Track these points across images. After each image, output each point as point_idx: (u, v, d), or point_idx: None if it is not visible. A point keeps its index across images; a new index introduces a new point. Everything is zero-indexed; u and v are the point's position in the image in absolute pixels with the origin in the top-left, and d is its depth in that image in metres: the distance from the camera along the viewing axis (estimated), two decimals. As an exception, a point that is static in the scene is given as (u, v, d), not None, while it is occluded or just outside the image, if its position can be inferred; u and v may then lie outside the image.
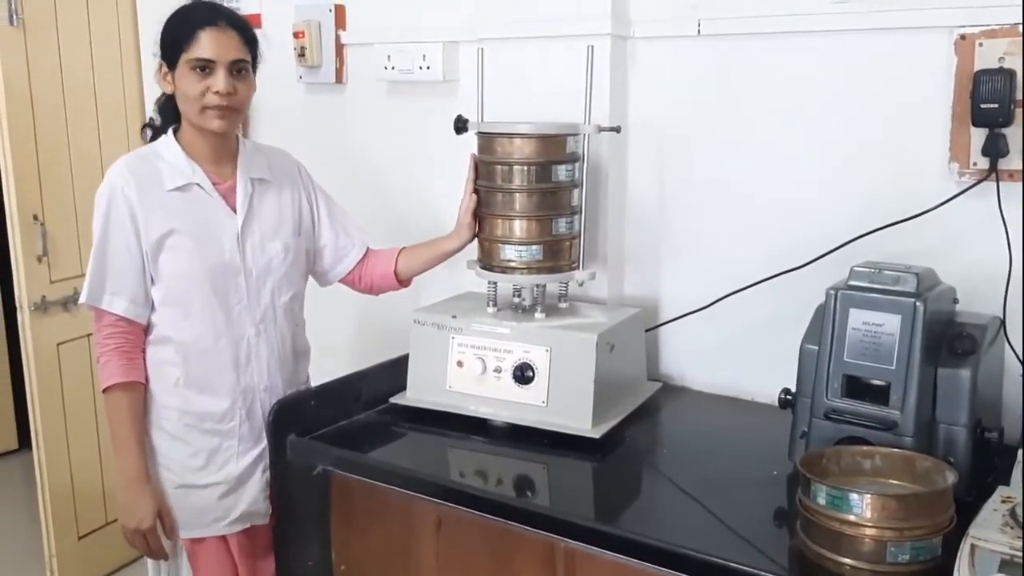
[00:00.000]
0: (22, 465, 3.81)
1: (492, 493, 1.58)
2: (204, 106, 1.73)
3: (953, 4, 1.65)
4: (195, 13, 1.76)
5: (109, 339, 1.76)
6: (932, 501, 1.26)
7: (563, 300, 1.94)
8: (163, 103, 1.86)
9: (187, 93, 1.73)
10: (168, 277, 1.76)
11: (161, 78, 1.79)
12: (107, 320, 1.76)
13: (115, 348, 1.76)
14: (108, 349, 1.76)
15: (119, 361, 1.76)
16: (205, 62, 1.71)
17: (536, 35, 2.03)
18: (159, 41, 1.78)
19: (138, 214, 1.73)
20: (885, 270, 1.49)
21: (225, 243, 1.78)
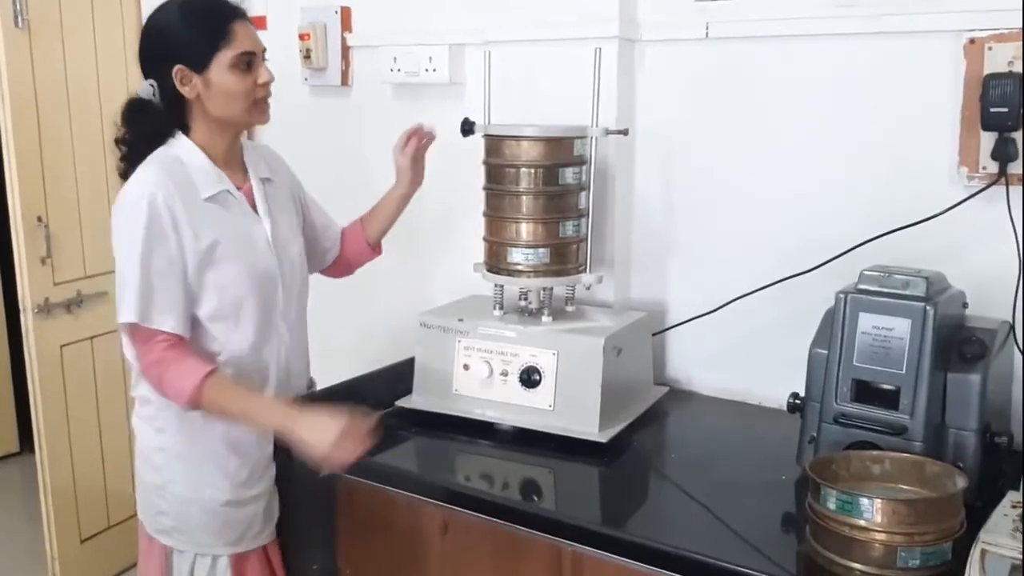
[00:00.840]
0: (24, 467, 3.80)
1: (498, 497, 1.58)
2: (255, 100, 1.67)
3: (962, 8, 1.65)
4: (215, 7, 1.65)
5: (166, 352, 1.61)
6: (942, 506, 1.25)
7: (570, 303, 1.93)
8: (154, 111, 1.67)
9: (232, 91, 1.64)
10: (217, 290, 1.66)
11: (179, 84, 1.62)
12: (158, 338, 1.61)
13: (177, 355, 1.61)
14: (170, 358, 1.61)
15: (189, 360, 1.61)
16: (249, 56, 1.65)
17: (543, 38, 2.03)
18: (169, 46, 1.63)
19: (182, 227, 1.61)
20: (895, 274, 1.48)
21: (261, 249, 1.72)
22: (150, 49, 1.67)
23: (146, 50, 1.67)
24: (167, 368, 1.60)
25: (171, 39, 1.64)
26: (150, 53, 1.67)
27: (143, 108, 1.66)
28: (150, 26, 1.67)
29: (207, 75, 1.63)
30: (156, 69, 1.64)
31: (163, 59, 1.63)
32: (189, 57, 1.62)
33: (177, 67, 1.61)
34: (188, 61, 1.62)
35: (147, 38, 1.67)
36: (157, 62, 1.64)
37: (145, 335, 1.61)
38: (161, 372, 1.61)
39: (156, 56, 1.64)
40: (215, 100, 1.64)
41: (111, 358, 2.93)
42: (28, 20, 2.56)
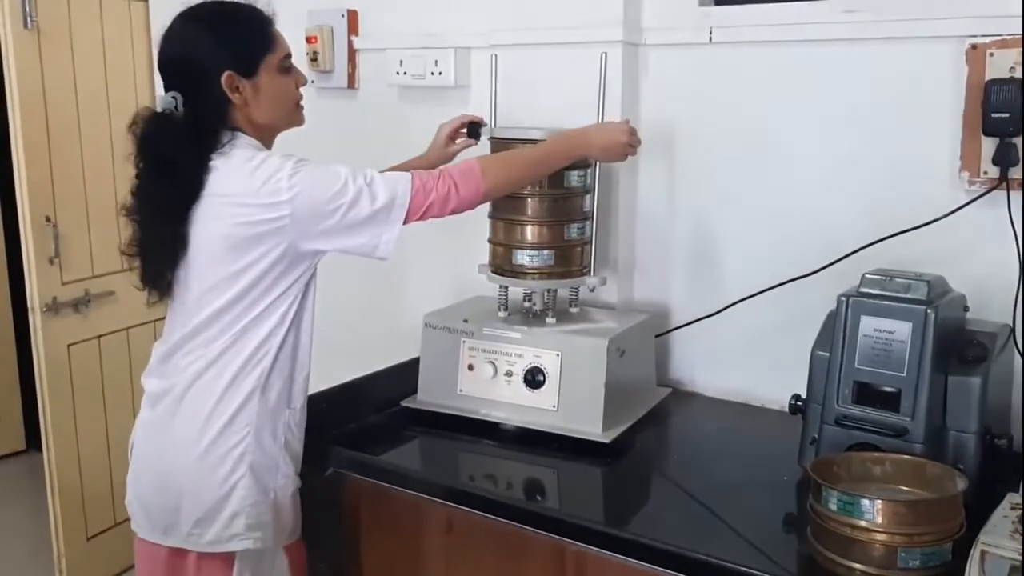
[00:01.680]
0: (30, 466, 3.83)
1: (502, 496, 1.59)
2: (297, 102, 1.69)
3: (964, 14, 1.66)
4: (255, 12, 1.63)
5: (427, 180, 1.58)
6: (942, 507, 1.27)
7: (574, 305, 1.95)
8: (176, 124, 1.58)
9: (281, 95, 1.64)
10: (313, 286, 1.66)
11: (229, 91, 1.56)
12: (415, 185, 1.57)
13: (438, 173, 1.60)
14: (435, 176, 1.59)
15: (450, 169, 1.61)
16: (289, 59, 1.66)
17: (549, 42, 2.04)
18: (215, 53, 1.56)
19: None
20: (896, 277, 1.49)
21: None
22: (185, 57, 1.58)
23: (179, 59, 1.59)
24: (443, 181, 1.58)
25: (216, 45, 1.57)
26: (184, 62, 1.58)
27: (165, 121, 1.58)
28: (185, 35, 1.59)
29: (256, 80, 1.59)
30: (191, 78, 1.57)
31: (206, 66, 1.56)
32: (238, 62, 1.58)
33: (227, 73, 1.56)
34: (237, 67, 1.57)
35: (180, 46, 1.59)
36: (195, 71, 1.57)
37: (414, 190, 1.56)
38: (447, 189, 1.58)
39: (194, 64, 1.57)
40: (263, 105, 1.61)
41: (118, 357, 2.96)
42: (37, 22, 2.58)
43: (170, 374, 1.63)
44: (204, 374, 1.59)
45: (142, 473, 1.67)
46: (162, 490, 1.62)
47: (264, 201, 1.51)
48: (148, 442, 1.67)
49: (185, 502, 1.59)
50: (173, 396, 1.61)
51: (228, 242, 1.54)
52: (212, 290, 1.57)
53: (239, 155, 1.56)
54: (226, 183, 1.54)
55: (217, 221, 1.54)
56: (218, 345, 1.59)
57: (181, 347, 1.62)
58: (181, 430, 1.60)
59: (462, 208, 1.62)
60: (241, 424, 1.59)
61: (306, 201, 1.51)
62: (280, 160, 1.54)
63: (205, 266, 1.57)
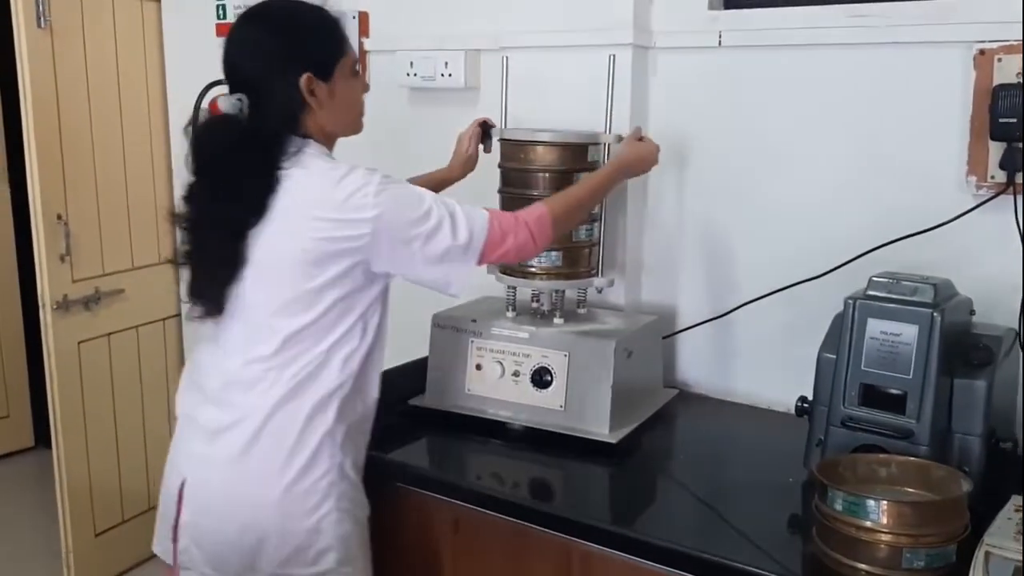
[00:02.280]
0: (39, 462, 3.84)
1: (509, 495, 1.60)
2: (362, 109, 1.62)
3: (972, 19, 1.67)
4: (326, 13, 1.55)
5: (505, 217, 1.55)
6: (947, 509, 1.27)
7: (581, 306, 1.96)
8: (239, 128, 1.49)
9: (352, 100, 1.58)
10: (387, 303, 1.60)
11: (307, 94, 1.49)
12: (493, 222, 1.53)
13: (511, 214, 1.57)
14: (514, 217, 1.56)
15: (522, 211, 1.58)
16: (358, 62, 1.60)
17: (558, 44, 2.06)
18: (294, 54, 1.50)
19: None
20: (903, 280, 1.50)
21: None
22: (259, 58, 1.50)
23: (251, 59, 1.51)
24: (521, 229, 1.54)
25: (295, 46, 1.50)
26: (258, 62, 1.50)
27: (228, 125, 1.50)
28: (257, 34, 1.52)
29: (331, 84, 1.52)
30: (264, 80, 1.49)
31: (283, 68, 1.49)
32: (316, 65, 1.50)
33: (306, 75, 1.48)
34: (315, 69, 1.50)
35: (253, 46, 1.51)
36: (270, 72, 1.49)
37: (491, 233, 1.52)
38: (525, 239, 1.54)
39: (270, 65, 1.49)
40: (336, 110, 1.54)
41: (128, 355, 2.97)
42: (50, 21, 2.60)
43: (238, 403, 1.49)
44: (285, 402, 1.46)
45: (204, 516, 1.51)
46: (240, 531, 1.47)
47: (347, 216, 1.43)
48: (212, 480, 1.51)
49: (269, 542, 1.47)
50: (247, 428, 1.47)
51: (305, 258, 1.44)
52: (285, 310, 1.46)
53: (318, 164, 1.48)
54: (304, 194, 1.45)
55: (293, 235, 1.44)
56: (298, 370, 1.47)
57: (251, 373, 1.48)
58: (260, 463, 1.47)
59: (535, 255, 1.61)
60: (326, 453, 1.48)
61: (388, 222, 1.44)
62: (365, 173, 1.45)
63: (276, 284, 1.47)
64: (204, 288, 1.53)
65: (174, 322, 3.12)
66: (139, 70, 2.90)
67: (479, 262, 1.52)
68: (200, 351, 1.61)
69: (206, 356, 1.58)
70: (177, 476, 1.55)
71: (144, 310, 3.01)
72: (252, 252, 1.46)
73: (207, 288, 1.52)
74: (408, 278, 1.52)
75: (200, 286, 1.54)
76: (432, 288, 1.54)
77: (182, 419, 1.60)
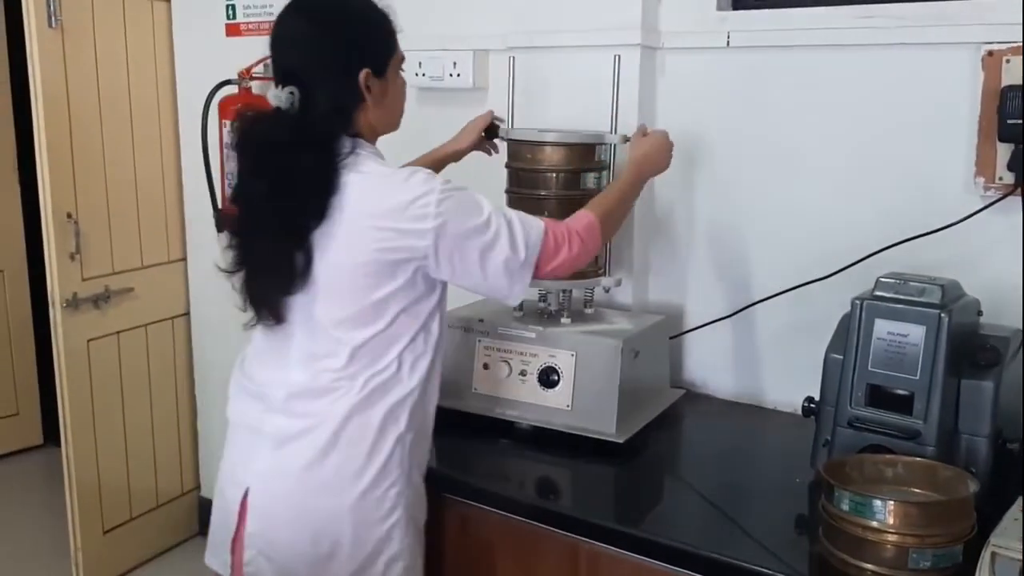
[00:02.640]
0: (48, 460, 3.85)
1: (516, 494, 1.61)
2: (403, 108, 1.60)
3: (980, 20, 1.67)
4: (380, 9, 1.52)
5: (558, 226, 1.54)
6: (953, 509, 1.28)
7: (589, 306, 1.96)
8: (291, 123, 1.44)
9: (400, 97, 1.57)
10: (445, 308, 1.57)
11: (365, 90, 1.47)
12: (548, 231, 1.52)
13: (563, 222, 1.57)
14: (565, 227, 1.55)
15: (569, 219, 1.58)
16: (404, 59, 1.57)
17: (567, 45, 2.06)
18: (355, 48, 1.47)
19: None
20: (910, 281, 1.50)
21: None
22: (316, 51, 1.45)
23: (307, 51, 1.46)
24: (574, 240, 1.54)
25: (355, 40, 1.48)
26: (315, 55, 1.45)
27: (281, 120, 1.44)
28: (311, 28, 1.47)
29: (385, 80, 1.50)
30: (322, 74, 1.45)
31: (343, 62, 1.46)
32: (374, 59, 1.48)
33: (365, 71, 1.46)
34: (372, 64, 1.48)
35: (309, 39, 1.46)
36: (328, 66, 1.45)
37: (545, 245, 1.51)
38: (578, 249, 1.54)
39: (328, 59, 1.46)
40: (387, 107, 1.53)
41: (137, 353, 2.99)
42: (61, 20, 2.61)
43: (309, 412, 1.46)
44: (358, 410, 1.44)
45: (273, 526, 1.48)
46: (313, 541, 1.45)
47: (410, 226, 1.40)
48: (281, 489, 1.47)
49: (342, 551, 1.45)
50: (320, 436, 1.44)
51: (368, 269, 1.41)
52: (351, 322, 1.44)
53: (375, 168, 1.44)
54: (364, 201, 1.41)
55: (355, 245, 1.41)
56: (369, 378, 1.45)
57: (320, 383, 1.46)
58: (335, 471, 1.44)
59: (583, 266, 1.60)
60: (396, 460, 1.47)
61: (450, 232, 1.41)
62: (425, 178, 1.42)
63: (339, 295, 1.44)
64: (263, 296, 1.49)
65: (183, 321, 3.13)
66: (149, 70, 2.92)
67: (535, 275, 1.50)
68: (254, 362, 1.57)
69: (262, 367, 1.55)
70: (237, 487, 1.51)
71: (153, 309, 3.02)
72: (314, 262, 1.42)
73: (267, 296, 1.48)
74: (465, 287, 1.51)
75: (259, 294, 1.49)
76: (487, 296, 1.54)
77: (239, 429, 1.56)
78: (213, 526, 1.59)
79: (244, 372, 1.58)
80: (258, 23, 2.74)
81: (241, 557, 1.50)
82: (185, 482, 3.22)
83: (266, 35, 2.80)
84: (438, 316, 1.52)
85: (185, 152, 2.99)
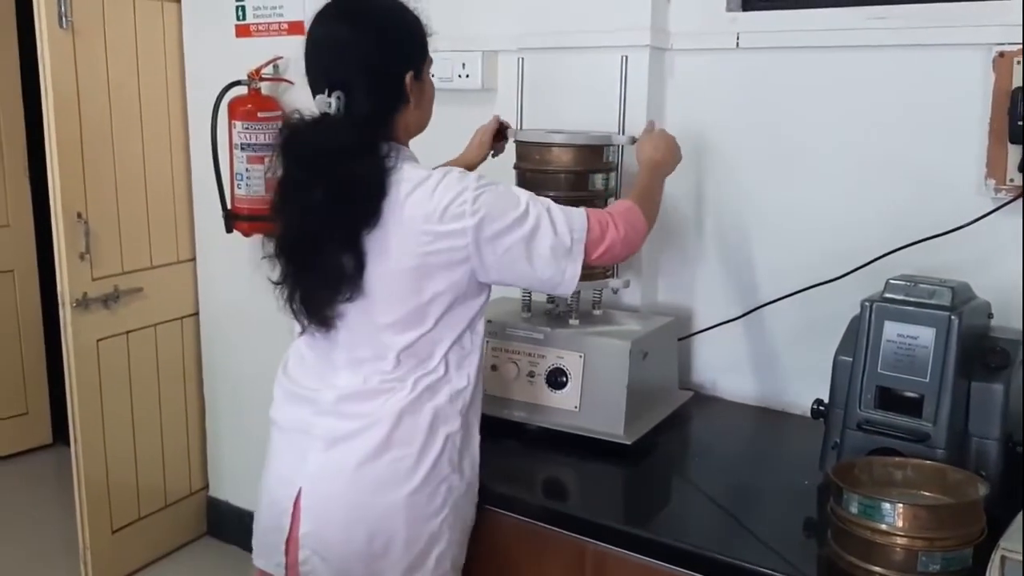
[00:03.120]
0: (56, 459, 3.87)
1: (524, 495, 1.61)
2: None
3: (991, 22, 1.67)
4: (413, 13, 1.53)
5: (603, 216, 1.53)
6: (963, 512, 1.27)
7: (597, 307, 1.96)
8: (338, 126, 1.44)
9: (432, 99, 1.57)
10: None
11: (409, 91, 1.49)
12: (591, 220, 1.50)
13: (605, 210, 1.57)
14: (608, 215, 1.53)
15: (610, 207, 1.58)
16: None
17: (576, 46, 2.06)
18: (402, 51, 1.49)
19: None
20: (920, 283, 1.50)
21: None
22: (361, 57, 1.45)
23: (352, 55, 1.46)
24: (622, 222, 1.53)
25: (399, 44, 1.49)
26: (360, 60, 1.45)
27: (329, 125, 1.44)
28: (354, 32, 1.47)
29: (422, 83, 1.52)
30: (368, 78, 1.45)
31: (389, 66, 1.47)
32: (414, 62, 1.50)
33: (409, 74, 1.48)
34: (415, 68, 1.50)
35: (354, 43, 1.46)
36: (374, 70, 1.45)
37: (591, 229, 1.50)
38: (624, 231, 1.53)
39: (375, 63, 1.45)
40: (422, 110, 1.54)
41: (145, 352, 3.00)
42: (72, 21, 2.62)
43: (362, 412, 1.47)
44: (410, 408, 1.46)
45: (328, 525, 1.49)
46: (368, 538, 1.46)
47: (449, 227, 1.41)
48: (334, 489, 1.48)
49: (395, 547, 1.46)
50: (374, 435, 1.46)
51: (414, 272, 1.43)
52: (397, 325, 1.46)
53: (413, 172, 1.45)
54: (406, 206, 1.42)
55: (399, 250, 1.42)
56: (419, 378, 1.47)
57: (371, 386, 1.48)
58: (388, 469, 1.46)
59: (634, 251, 1.58)
60: (447, 457, 1.49)
61: (489, 227, 1.42)
62: (459, 178, 1.43)
63: (386, 299, 1.45)
64: (316, 305, 1.49)
65: (192, 321, 3.14)
66: (159, 70, 2.93)
67: (585, 259, 1.49)
68: (298, 366, 1.58)
69: (308, 372, 1.56)
70: (289, 488, 1.51)
71: (162, 308, 3.03)
72: (367, 267, 1.43)
73: (319, 305, 1.49)
74: (516, 283, 1.52)
75: (310, 303, 1.50)
76: (541, 291, 1.53)
77: (287, 433, 1.56)
78: (261, 528, 1.60)
79: (288, 376, 1.60)
80: (268, 24, 2.75)
81: (296, 557, 1.51)
82: (193, 482, 3.22)
83: (276, 36, 2.83)
84: (483, 319, 1.55)
85: (195, 152, 3.00)
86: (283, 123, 1.50)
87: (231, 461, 3.16)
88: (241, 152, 2.65)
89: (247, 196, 2.67)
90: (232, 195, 2.71)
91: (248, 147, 2.64)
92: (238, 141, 2.65)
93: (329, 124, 1.44)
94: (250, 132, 2.63)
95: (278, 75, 2.72)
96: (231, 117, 2.66)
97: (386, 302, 1.45)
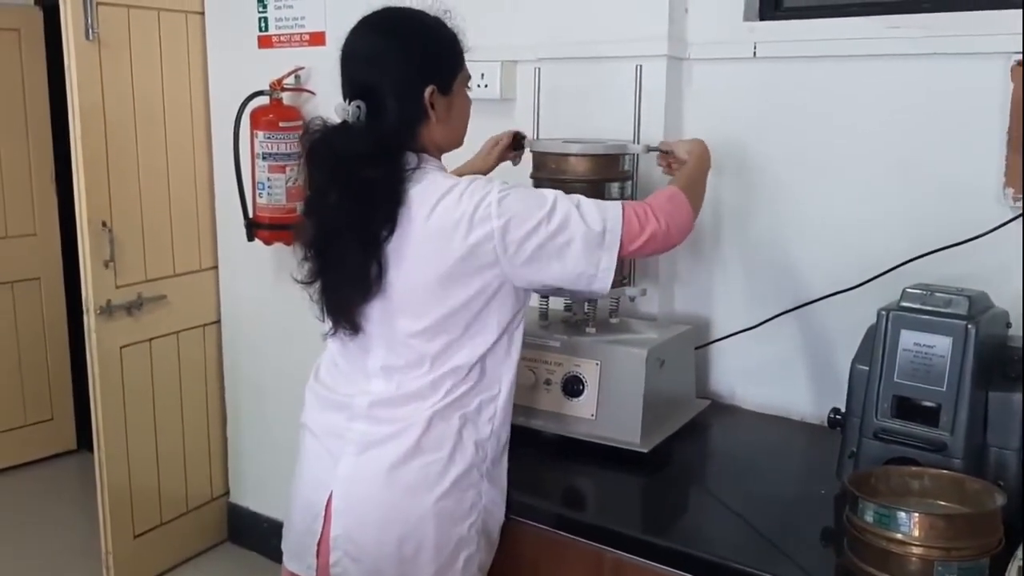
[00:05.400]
0: (80, 465, 3.91)
1: (541, 503, 1.61)
2: (467, 125, 1.61)
3: (1009, 30, 1.66)
4: (448, 27, 1.55)
5: (638, 207, 1.50)
6: (980, 522, 1.26)
7: (614, 315, 1.96)
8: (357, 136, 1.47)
9: (465, 114, 1.58)
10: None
11: (429, 107, 1.49)
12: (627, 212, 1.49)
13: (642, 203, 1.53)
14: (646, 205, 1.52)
15: (650, 199, 1.55)
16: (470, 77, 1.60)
17: (594, 55, 2.07)
18: (422, 64, 1.50)
19: None
20: (937, 292, 1.49)
21: None
22: (383, 67, 1.48)
23: (375, 67, 1.49)
24: (661, 212, 1.51)
25: (421, 57, 1.50)
26: (382, 71, 1.48)
27: (351, 133, 1.48)
28: (379, 44, 1.50)
29: (450, 97, 1.53)
30: (388, 89, 1.47)
31: (408, 79, 1.48)
32: (440, 77, 1.51)
33: (430, 88, 1.49)
34: (438, 81, 1.50)
35: (377, 55, 1.49)
36: (394, 82, 1.48)
37: (627, 219, 1.48)
38: (666, 224, 1.51)
39: (395, 75, 1.48)
40: (451, 124, 1.55)
41: (168, 359, 3.03)
42: (98, 34, 2.66)
43: (394, 417, 1.49)
44: (442, 413, 1.48)
45: (360, 528, 1.50)
46: (399, 541, 1.47)
47: (476, 233, 1.42)
48: (366, 492, 1.50)
49: (426, 550, 1.47)
50: (406, 439, 1.47)
51: (444, 280, 1.44)
52: (428, 331, 1.47)
53: (439, 181, 1.46)
54: (431, 215, 1.43)
55: (427, 257, 1.44)
56: (452, 385, 1.49)
57: (404, 391, 1.50)
58: (419, 472, 1.47)
59: (679, 241, 1.56)
60: (477, 463, 1.51)
61: (514, 226, 1.42)
62: (485, 184, 1.45)
63: (416, 306, 1.47)
64: (341, 305, 1.52)
65: (214, 328, 3.17)
66: (183, 81, 2.97)
67: (622, 252, 1.47)
68: (330, 372, 1.61)
69: (340, 378, 1.58)
70: (321, 490, 1.53)
71: (185, 316, 3.06)
72: (389, 273, 1.46)
73: (344, 305, 1.51)
74: (551, 284, 1.49)
75: (336, 303, 1.53)
76: (576, 290, 1.51)
77: (320, 438, 1.58)
78: (293, 531, 1.62)
79: (321, 382, 1.62)
80: (289, 35, 2.78)
81: (327, 559, 1.52)
82: (215, 488, 3.25)
83: (298, 47, 2.86)
84: (521, 325, 1.56)
85: (217, 162, 3.04)
86: (304, 128, 1.54)
87: (252, 467, 3.19)
88: (263, 161, 2.68)
89: (268, 205, 2.69)
90: (254, 204, 2.73)
91: (270, 156, 2.67)
92: (260, 150, 2.68)
93: (347, 131, 1.48)
94: (272, 142, 2.66)
95: (300, 85, 2.74)
96: (253, 127, 2.69)
97: (416, 310, 1.47)
